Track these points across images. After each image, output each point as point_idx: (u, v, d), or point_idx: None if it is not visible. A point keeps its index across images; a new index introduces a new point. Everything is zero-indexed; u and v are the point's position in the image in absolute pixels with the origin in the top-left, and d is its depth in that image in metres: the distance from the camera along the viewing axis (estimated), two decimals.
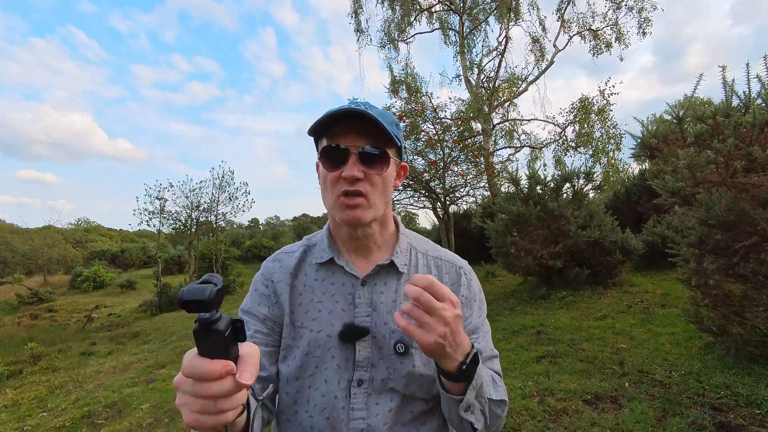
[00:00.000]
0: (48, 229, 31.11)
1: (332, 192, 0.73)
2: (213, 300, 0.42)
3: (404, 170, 0.83)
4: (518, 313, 5.80)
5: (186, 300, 0.41)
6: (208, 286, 0.42)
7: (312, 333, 0.74)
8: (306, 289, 0.79)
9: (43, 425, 4.02)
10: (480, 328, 0.81)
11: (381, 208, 0.75)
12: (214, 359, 0.43)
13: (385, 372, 0.72)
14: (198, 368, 0.43)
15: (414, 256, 0.83)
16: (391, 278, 0.78)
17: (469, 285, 0.82)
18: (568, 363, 3.60)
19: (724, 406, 2.56)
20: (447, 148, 11.82)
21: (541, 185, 6.66)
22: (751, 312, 2.89)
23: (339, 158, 0.71)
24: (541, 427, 2.63)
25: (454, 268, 0.84)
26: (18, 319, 12.73)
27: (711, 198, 3.02)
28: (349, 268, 0.78)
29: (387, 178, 0.75)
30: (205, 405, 0.44)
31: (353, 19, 14.55)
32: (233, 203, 16.23)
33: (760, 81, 2.91)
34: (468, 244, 12.35)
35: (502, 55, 13.78)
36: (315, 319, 0.75)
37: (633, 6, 12.32)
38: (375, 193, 0.73)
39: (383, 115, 0.74)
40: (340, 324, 0.74)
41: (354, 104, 0.72)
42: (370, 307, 0.75)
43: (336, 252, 0.80)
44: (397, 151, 0.78)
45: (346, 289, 0.77)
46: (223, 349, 0.44)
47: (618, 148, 12.45)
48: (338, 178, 0.71)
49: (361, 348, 0.73)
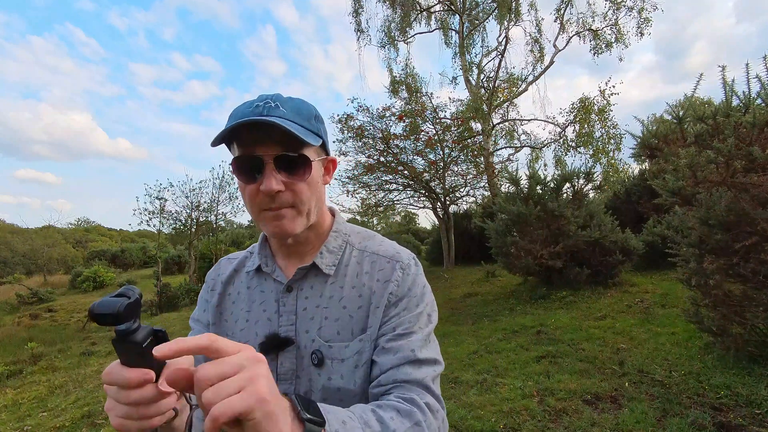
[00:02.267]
0: (48, 229, 31.13)
1: (253, 206, 0.66)
2: (123, 313, 0.42)
3: (333, 164, 0.76)
4: (518, 313, 5.80)
5: (96, 314, 0.42)
6: (120, 300, 0.43)
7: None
8: (239, 298, 0.75)
9: (43, 425, 4.02)
10: (413, 334, 0.67)
11: (313, 215, 0.70)
12: (132, 368, 0.44)
13: (307, 384, 0.67)
14: (115, 376, 0.45)
15: (347, 255, 0.75)
16: (318, 282, 0.72)
17: (402, 280, 0.70)
18: (568, 363, 3.60)
19: (724, 406, 2.56)
20: (447, 148, 11.83)
21: (541, 185, 6.66)
22: (751, 312, 2.89)
23: (253, 168, 0.63)
24: (541, 427, 2.63)
25: (390, 262, 0.72)
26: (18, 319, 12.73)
27: (711, 198, 3.02)
28: (276, 275, 0.73)
29: (312, 181, 0.67)
30: (128, 411, 0.45)
31: (354, 19, 14.55)
32: (233, 203, 16.26)
33: (760, 81, 2.91)
34: (468, 244, 12.34)
35: (502, 55, 13.78)
36: (243, 329, 0.72)
37: (633, 6, 12.33)
38: (302, 200, 0.66)
39: (299, 109, 0.66)
40: (264, 334, 0.70)
41: (262, 102, 0.64)
42: (294, 314, 0.70)
43: (267, 258, 0.75)
44: (321, 147, 0.71)
45: (273, 296, 0.73)
46: (142, 358, 0.44)
47: (618, 148, 12.46)
48: (257, 191, 0.64)
49: (284, 359, 0.68)
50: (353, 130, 11.69)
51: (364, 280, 0.71)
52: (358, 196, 13.34)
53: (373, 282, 0.71)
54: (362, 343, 0.67)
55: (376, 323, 0.68)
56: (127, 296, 0.44)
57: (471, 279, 9.38)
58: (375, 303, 0.69)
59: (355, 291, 0.71)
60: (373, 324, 0.68)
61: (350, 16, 14.51)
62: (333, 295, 0.70)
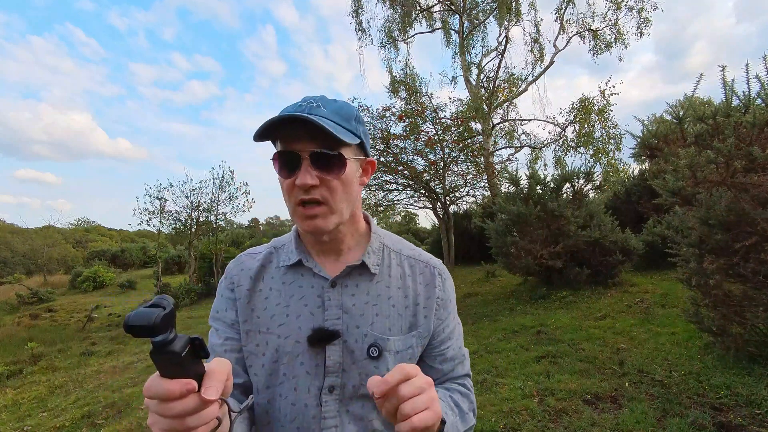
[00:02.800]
0: (48, 229, 31.14)
1: (289, 200, 0.69)
2: (159, 325, 0.41)
3: (371, 166, 0.78)
4: (518, 313, 5.80)
5: (131, 325, 0.41)
6: (156, 311, 0.42)
7: (279, 339, 0.71)
8: (272, 293, 0.75)
9: (43, 425, 4.02)
10: (454, 331, 0.82)
11: (346, 212, 0.72)
12: (173, 379, 0.44)
13: (357, 378, 0.70)
14: (157, 389, 0.44)
15: (387, 256, 0.80)
16: (363, 280, 0.75)
17: (443, 286, 0.81)
18: (568, 363, 3.60)
19: (724, 406, 2.56)
20: (447, 148, 11.83)
21: (541, 185, 6.66)
22: (751, 312, 2.89)
23: (291, 164, 0.67)
24: (541, 427, 2.63)
25: (429, 268, 0.81)
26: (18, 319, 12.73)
27: (711, 198, 3.02)
28: (317, 270, 0.75)
29: (347, 179, 0.69)
30: (172, 424, 0.45)
31: (354, 19, 14.55)
32: (233, 203, 16.25)
33: (759, 81, 2.91)
34: (468, 244, 12.34)
35: (502, 55, 13.78)
36: (282, 325, 0.72)
37: (633, 6, 12.33)
38: (335, 197, 0.68)
39: (340, 110, 0.69)
40: (309, 328, 0.71)
41: (306, 102, 0.68)
42: (340, 309, 0.72)
43: (304, 254, 0.76)
44: (359, 147, 0.73)
45: (315, 291, 0.74)
46: (181, 368, 0.44)
47: (618, 148, 12.45)
48: (293, 185, 0.67)
49: (332, 353, 0.70)
50: None
51: (408, 282, 0.78)
52: None
53: (417, 285, 0.79)
54: (414, 339, 0.76)
55: (428, 324, 0.77)
56: (162, 306, 0.43)
57: (471, 279, 9.38)
58: (422, 304, 0.78)
59: (401, 291, 0.77)
60: (423, 324, 0.77)
61: (350, 16, 14.52)
62: (381, 293, 0.75)
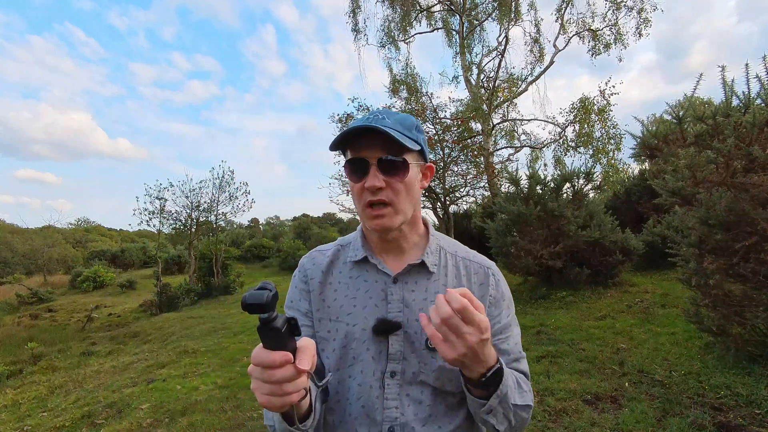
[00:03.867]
0: (48, 229, 31.15)
1: (359, 202, 0.78)
2: (270, 303, 0.50)
3: (430, 170, 0.87)
4: (518, 313, 5.71)
5: (248, 303, 0.50)
6: (265, 292, 0.50)
7: (348, 326, 0.80)
8: (341, 286, 0.84)
9: (43, 425, 4.02)
10: (508, 328, 0.85)
11: (408, 213, 0.80)
12: (275, 350, 0.52)
13: (417, 365, 0.77)
14: (262, 358, 0.53)
15: (443, 257, 0.86)
16: (421, 277, 0.82)
17: (497, 285, 0.86)
18: (568, 363, 3.60)
19: (724, 406, 2.56)
20: (447, 148, 11.83)
21: (541, 185, 6.66)
22: (751, 312, 2.89)
23: (361, 170, 0.76)
24: (541, 427, 2.63)
25: (482, 269, 0.87)
26: (18, 319, 12.74)
27: (711, 198, 3.02)
28: (381, 267, 0.82)
29: (410, 183, 0.78)
30: (272, 389, 0.53)
31: (351, 19, 14.55)
32: (233, 203, 16.28)
33: (759, 81, 2.91)
34: (468, 244, 11.93)
35: (502, 55, 13.77)
36: (350, 314, 0.80)
37: (633, 6, 12.33)
38: (400, 198, 0.77)
39: (403, 120, 0.78)
40: (374, 318, 0.78)
41: (372, 115, 0.77)
42: (402, 303, 0.79)
43: (369, 251, 0.84)
44: (419, 154, 0.81)
45: (378, 286, 0.81)
46: (281, 342, 0.53)
47: (618, 149, 12.45)
48: (362, 189, 0.76)
49: (394, 342, 0.77)
50: None
51: (463, 281, 0.84)
52: None
53: (471, 284, 0.84)
54: None
55: None
56: (269, 289, 0.51)
57: None
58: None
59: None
60: None
61: (347, 16, 14.53)
62: (438, 290, 0.81)
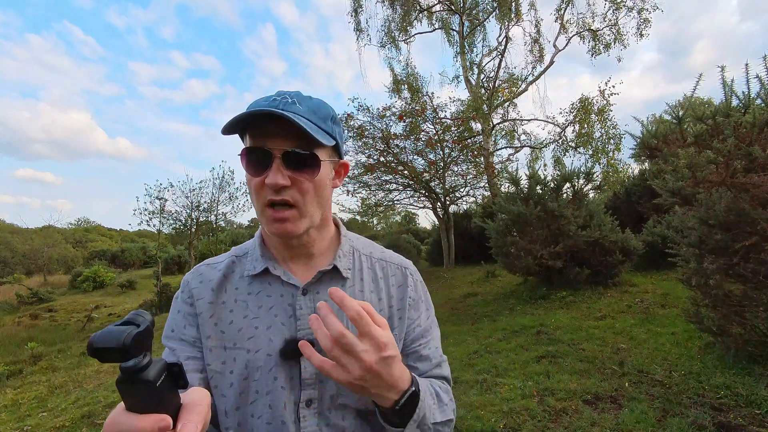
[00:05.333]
0: (48, 229, 31.16)
1: (257, 200, 0.66)
2: (130, 346, 0.35)
3: (345, 168, 0.76)
4: (518, 313, 5.80)
5: (96, 348, 0.34)
6: (127, 329, 0.35)
7: (249, 354, 0.66)
8: (237, 305, 0.70)
9: (43, 425, 4.02)
10: (429, 331, 0.78)
11: (316, 216, 0.69)
12: (144, 414, 0.37)
13: (334, 387, 0.66)
14: (122, 426, 0.37)
15: (358, 259, 0.77)
16: (335, 285, 0.72)
17: (416, 286, 0.79)
18: (568, 363, 3.60)
19: (724, 406, 2.56)
20: (447, 148, 11.83)
21: (541, 185, 6.66)
22: (751, 312, 2.89)
23: (261, 162, 0.63)
24: (541, 427, 2.63)
25: (400, 269, 0.80)
26: (18, 319, 12.74)
27: (711, 198, 3.02)
28: (287, 278, 0.71)
29: (320, 182, 0.67)
30: None
31: (353, 18, 14.57)
32: (233, 203, 16.25)
33: (760, 81, 2.91)
34: (468, 244, 12.33)
35: (502, 55, 13.78)
36: (251, 338, 0.67)
37: (633, 6, 12.33)
38: (306, 200, 0.66)
39: (317, 109, 0.67)
40: (281, 340, 0.66)
41: (280, 97, 0.65)
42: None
43: (271, 261, 0.72)
44: (334, 149, 0.71)
45: (285, 300, 0.70)
46: (155, 401, 0.37)
47: (618, 149, 12.45)
48: (262, 185, 0.64)
49: (307, 364, 0.66)
50: (353, 129, 11.72)
51: (381, 284, 0.77)
52: (358, 196, 13.40)
53: (390, 287, 0.77)
54: None
55: (403, 325, 0.75)
56: (135, 324, 0.36)
57: (471, 279, 9.38)
58: (396, 306, 0.76)
59: (375, 295, 0.76)
60: (398, 325, 0.75)
61: (349, 15, 14.54)
62: (354, 297, 0.70)
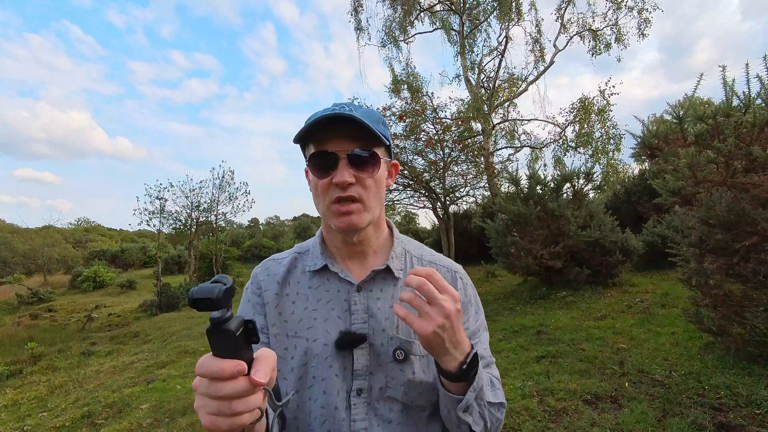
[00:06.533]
0: (48, 228, 31.17)
1: (324, 199, 0.71)
2: (221, 299, 0.43)
3: (395, 168, 0.82)
4: (518, 313, 5.80)
5: (195, 298, 0.43)
6: (217, 285, 0.43)
7: (308, 342, 0.72)
8: (299, 298, 0.76)
9: (43, 425, 4.02)
10: (478, 333, 0.80)
11: (377, 211, 0.74)
12: (225, 359, 0.44)
13: (384, 380, 0.71)
14: (209, 367, 0.44)
15: (409, 261, 0.81)
16: (387, 284, 0.76)
17: (465, 289, 0.82)
18: (568, 363, 3.59)
19: (724, 406, 2.56)
20: (447, 148, 11.82)
21: (541, 185, 6.66)
22: (751, 312, 2.89)
23: (328, 164, 0.69)
24: (541, 427, 2.63)
25: (450, 272, 0.83)
26: (18, 319, 12.73)
27: (711, 198, 3.02)
28: (343, 275, 0.76)
29: (379, 179, 0.73)
30: (220, 406, 0.44)
31: (353, 17, 14.56)
32: (233, 203, 16.29)
33: (760, 81, 2.91)
34: (468, 244, 12.32)
35: (503, 55, 13.78)
36: (310, 328, 0.73)
37: (633, 6, 12.33)
38: (369, 196, 0.71)
39: (369, 114, 0.72)
40: (336, 332, 0.72)
41: (338, 107, 0.70)
42: (366, 313, 0.73)
43: (329, 259, 0.78)
44: (386, 150, 0.77)
45: (341, 296, 0.75)
46: (234, 349, 0.44)
47: (618, 149, 12.45)
48: (329, 185, 0.69)
49: (359, 356, 0.71)
50: None
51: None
52: None
53: None
54: None
55: None
56: (222, 283, 0.44)
57: (471, 279, 9.34)
58: None
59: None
60: None
61: (350, 15, 14.54)
62: None
